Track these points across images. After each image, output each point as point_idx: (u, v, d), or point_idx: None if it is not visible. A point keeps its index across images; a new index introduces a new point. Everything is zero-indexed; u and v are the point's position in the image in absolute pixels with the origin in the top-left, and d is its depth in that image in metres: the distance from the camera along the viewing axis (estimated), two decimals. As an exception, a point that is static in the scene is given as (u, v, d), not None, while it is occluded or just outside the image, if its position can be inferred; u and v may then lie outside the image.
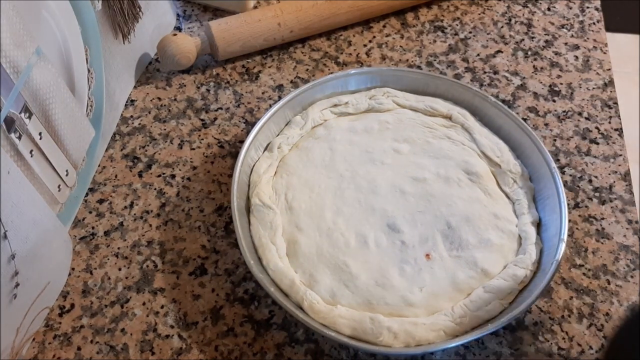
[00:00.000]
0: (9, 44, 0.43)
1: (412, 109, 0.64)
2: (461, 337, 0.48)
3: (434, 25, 0.75)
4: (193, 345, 0.51)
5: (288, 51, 0.72)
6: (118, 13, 0.60)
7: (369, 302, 0.51)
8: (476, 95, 0.62)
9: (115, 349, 0.51)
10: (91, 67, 0.57)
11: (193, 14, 0.76)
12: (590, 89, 0.69)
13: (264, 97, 0.68)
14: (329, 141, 0.61)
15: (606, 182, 0.61)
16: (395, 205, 0.56)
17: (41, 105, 0.48)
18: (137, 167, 0.62)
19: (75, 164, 0.56)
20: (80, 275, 0.55)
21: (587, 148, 0.64)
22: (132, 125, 0.65)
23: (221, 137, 0.65)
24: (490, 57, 0.72)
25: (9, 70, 0.43)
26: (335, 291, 0.52)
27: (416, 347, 0.49)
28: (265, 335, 0.52)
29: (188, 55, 0.67)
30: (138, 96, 0.68)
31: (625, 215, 0.59)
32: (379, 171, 0.59)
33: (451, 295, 0.51)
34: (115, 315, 0.53)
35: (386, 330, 0.49)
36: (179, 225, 0.58)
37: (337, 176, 0.59)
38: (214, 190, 0.61)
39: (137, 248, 0.57)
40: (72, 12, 0.53)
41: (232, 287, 0.55)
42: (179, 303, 0.54)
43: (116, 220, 0.59)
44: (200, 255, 0.57)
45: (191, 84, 0.69)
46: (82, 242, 0.57)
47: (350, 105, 0.63)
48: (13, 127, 0.45)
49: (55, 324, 0.53)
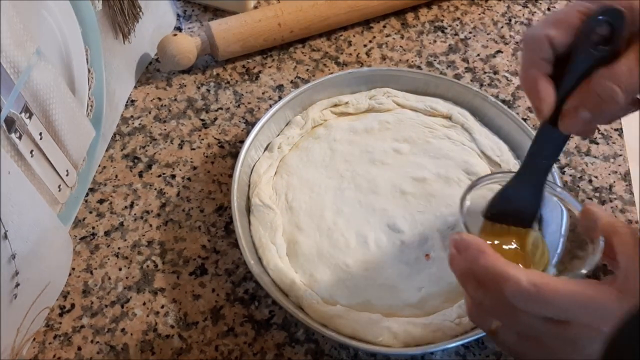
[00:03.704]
0: (9, 44, 0.43)
1: (412, 109, 0.64)
2: (461, 337, 0.48)
3: (434, 26, 0.75)
4: (193, 345, 0.52)
5: (288, 51, 0.72)
6: (118, 13, 0.60)
7: (369, 302, 0.51)
8: (476, 95, 0.62)
9: (116, 349, 0.51)
10: (91, 67, 0.57)
11: (193, 14, 0.76)
12: (590, 89, 0.69)
13: (264, 97, 0.68)
14: (329, 141, 0.61)
15: (606, 182, 0.61)
16: (395, 205, 0.56)
17: (41, 105, 0.48)
18: (137, 167, 0.62)
19: (75, 164, 0.56)
20: (80, 275, 0.55)
21: (587, 148, 0.64)
22: (133, 125, 0.66)
23: (221, 137, 0.65)
24: (490, 57, 0.72)
25: (9, 71, 0.43)
26: (335, 291, 0.52)
27: (416, 347, 0.49)
28: (265, 335, 0.52)
29: (188, 55, 0.67)
30: (138, 96, 0.68)
31: (625, 215, 0.59)
32: (379, 171, 0.59)
33: (451, 296, 0.51)
34: (115, 315, 0.53)
35: (386, 330, 0.49)
36: (179, 225, 0.58)
37: (337, 176, 0.59)
38: (214, 190, 0.61)
39: (138, 248, 0.57)
40: (72, 12, 0.53)
41: (232, 287, 0.55)
42: (179, 303, 0.54)
43: (116, 220, 0.59)
44: (200, 255, 0.57)
45: (191, 84, 0.69)
46: (83, 242, 0.57)
47: (351, 105, 0.63)
48: (13, 127, 0.45)
49: (55, 324, 0.53)
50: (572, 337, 0.35)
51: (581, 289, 0.35)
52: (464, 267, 0.38)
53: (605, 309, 0.34)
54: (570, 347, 0.36)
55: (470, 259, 0.37)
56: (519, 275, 0.35)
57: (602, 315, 0.34)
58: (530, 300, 0.35)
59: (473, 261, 0.37)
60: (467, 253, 0.37)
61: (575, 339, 0.35)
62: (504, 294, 0.35)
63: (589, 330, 0.34)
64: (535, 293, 0.34)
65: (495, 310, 0.38)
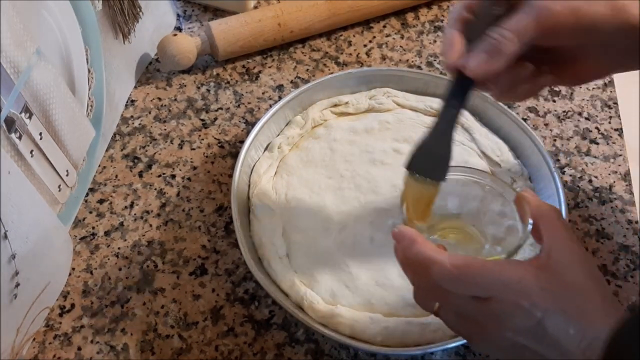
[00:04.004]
0: (9, 44, 0.43)
1: (412, 109, 0.64)
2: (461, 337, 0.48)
3: (434, 26, 0.75)
4: (193, 345, 0.52)
5: (288, 51, 0.72)
6: (118, 13, 0.60)
7: (369, 302, 0.51)
8: (476, 95, 0.62)
9: (116, 349, 0.51)
10: (91, 67, 0.57)
11: (193, 14, 0.76)
12: (590, 89, 0.69)
13: (264, 97, 0.68)
14: (329, 141, 0.61)
15: (606, 182, 0.61)
16: (395, 205, 0.56)
17: (41, 105, 0.48)
18: (137, 167, 0.62)
19: (75, 164, 0.56)
20: (80, 275, 0.55)
21: (587, 148, 0.64)
22: (133, 125, 0.66)
23: (221, 137, 0.65)
24: (490, 57, 0.72)
25: (9, 71, 0.43)
26: (335, 291, 0.52)
27: (416, 347, 0.49)
28: (265, 335, 0.52)
29: (188, 55, 0.67)
30: (138, 96, 0.68)
31: (625, 215, 0.59)
32: (379, 171, 0.59)
33: (451, 295, 0.51)
34: (115, 315, 0.53)
35: (386, 330, 0.49)
36: (179, 225, 0.58)
37: (337, 176, 0.59)
38: (214, 190, 0.61)
39: (138, 248, 0.57)
40: (72, 12, 0.53)
41: (232, 287, 0.55)
42: (179, 303, 0.54)
43: (116, 220, 0.59)
44: (200, 255, 0.57)
45: (191, 84, 0.69)
46: (83, 242, 0.57)
47: (351, 105, 0.63)
48: (13, 127, 0.45)
49: (55, 324, 0.53)
50: (496, 313, 0.38)
51: (499, 268, 0.38)
52: (402, 256, 0.42)
53: (521, 284, 0.37)
54: (496, 322, 0.39)
55: (405, 248, 0.41)
56: (443, 259, 0.39)
57: (519, 290, 0.37)
58: (453, 280, 0.39)
59: (407, 249, 0.41)
60: (402, 243, 0.41)
61: (498, 314, 0.38)
62: (432, 278, 0.39)
63: (508, 305, 0.37)
64: (458, 274, 0.38)
65: (431, 293, 0.42)
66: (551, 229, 0.40)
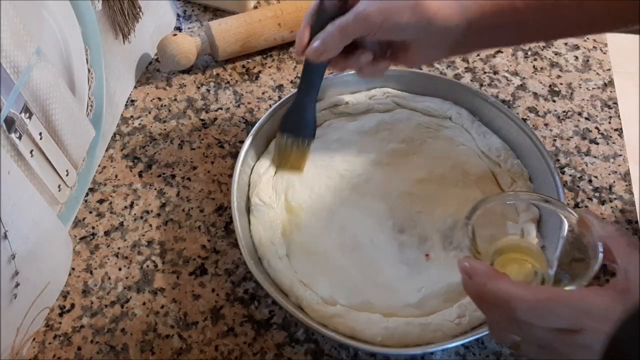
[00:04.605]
0: (9, 44, 0.43)
1: (412, 109, 0.64)
2: (461, 337, 0.48)
3: (434, 26, 0.75)
4: (193, 345, 0.52)
5: (288, 51, 0.72)
6: (118, 13, 0.60)
7: (368, 302, 0.51)
8: (476, 95, 0.62)
9: (116, 349, 0.51)
10: (91, 67, 0.57)
11: (193, 14, 0.76)
12: (590, 89, 0.69)
13: (264, 97, 0.68)
14: (329, 141, 0.61)
15: (606, 182, 0.61)
16: (394, 205, 0.56)
17: (41, 105, 0.48)
18: (137, 167, 0.62)
19: (75, 164, 0.56)
20: (80, 275, 0.55)
21: (587, 148, 0.64)
22: (132, 125, 0.66)
23: (221, 137, 0.65)
24: (490, 57, 0.72)
25: (9, 70, 0.43)
26: (334, 291, 0.52)
27: (416, 347, 0.49)
28: (265, 335, 0.52)
29: (188, 55, 0.67)
30: (138, 96, 0.68)
31: (625, 215, 0.59)
32: (379, 171, 0.59)
33: (451, 296, 0.51)
34: (115, 315, 0.53)
35: (385, 330, 0.49)
36: (179, 225, 0.58)
37: (336, 176, 0.59)
38: (214, 190, 0.61)
39: (137, 248, 0.57)
40: (72, 12, 0.53)
41: (232, 287, 0.55)
42: (179, 303, 0.54)
43: (116, 220, 0.59)
44: (200, 255, 0.57)
45: (191, 84, 0.69)
46: (82, 242, 0.57)
47: (350, 105, 0.63)
48: (13, 127, 0.45)
49: (55, 324, 0.53)
50: (586, 343, 0.37)
51: (582, 297, 0.38)
52: (475, 291, 0.41)
53: (607, 311, 0.36)
54: (586, 352, 0.38)
55: (480, 284, 0.40)
56: (525, 294, 0.38)
57: (606, 317, 0.36)
58: (537, 315, 0.38)
59: (483, 286, 0.40)
60: (476, 279, 0.41)
61: (588, 344, 0.37)
62: (514, 313, 0.38)
63: (598, 334, 0.36)
64: (541, 309, 0.38)
65: (511, 327, 0.40)
66: (622, 249, 0.40)
